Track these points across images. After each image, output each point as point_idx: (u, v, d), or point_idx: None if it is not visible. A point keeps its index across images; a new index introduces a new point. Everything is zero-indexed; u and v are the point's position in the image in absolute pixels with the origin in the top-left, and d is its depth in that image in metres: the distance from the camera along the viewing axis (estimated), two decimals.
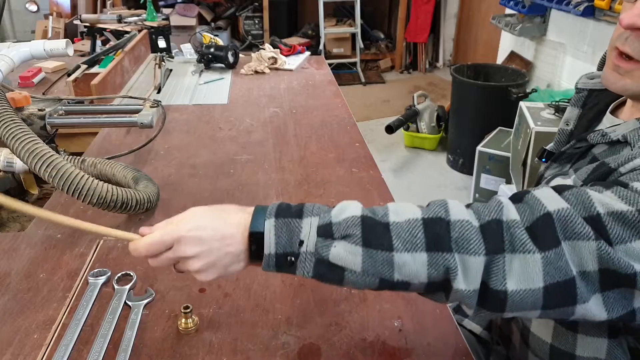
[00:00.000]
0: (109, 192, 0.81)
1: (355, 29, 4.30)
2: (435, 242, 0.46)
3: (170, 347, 0.63)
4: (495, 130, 2.54)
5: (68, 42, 1.20)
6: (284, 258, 0.50)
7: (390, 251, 0.47)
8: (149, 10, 2.22)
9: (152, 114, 1.05)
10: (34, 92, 1.53)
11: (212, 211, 0.53)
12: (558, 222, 0.46)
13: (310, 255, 0.49)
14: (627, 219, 0.45)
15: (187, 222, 0.51)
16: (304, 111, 1.43)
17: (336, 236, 0.49)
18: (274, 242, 0.50)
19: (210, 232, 0.50)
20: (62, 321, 0.67)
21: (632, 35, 0.52)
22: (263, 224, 0.50)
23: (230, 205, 0.54)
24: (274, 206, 0.52)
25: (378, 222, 0.49)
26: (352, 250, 0.48)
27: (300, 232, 0.50)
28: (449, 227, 0.47)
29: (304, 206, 0.52)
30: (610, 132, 0.59)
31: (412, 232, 0.47)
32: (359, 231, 0.48)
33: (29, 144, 0.79)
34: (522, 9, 2.71)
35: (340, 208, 0.51)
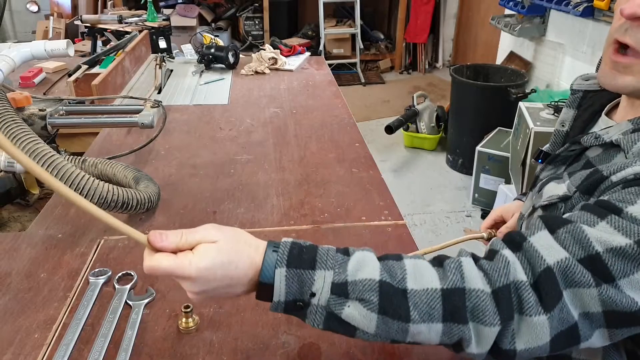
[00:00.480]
0: (110, 192, 0.82)
1: (355, 30, 4.31)
2: (452, 314, 0.47)
3: (171, 346, 0.63)
4: (495, 130, 2.54)
5: (69, 43, 1.20)
6: (293, 304, 0.49)
7: (407, 322, 0.47)
8: (150, 11, 2.23)
9: (152, 114, 1.06)
10: (35, 92, 1.53)
11: (228, 248, 0.49)
12: (559, 274, 0.47)
13: (322, 309, 0.49)
14: (627, 253, 0.46)
15: (202, 260, 0.48)
16: (304, 111, 1.43)
17: (351, 296, 0.48)
18: (284, 291, 0.49)
19: (220, 275, 0.49)
20: (63, 321, 0.67)
21: (633, 26, 0.51)
22: (273, 273, 0.49)
23: (244, 237, 0.52)
24: (285, 251, 0.50)
25: (396, 288, 0.48)
26: (367, 316, 0.47)
27: (313, 284, 0.48)
28: (464, 297, 0.47)
29: (317, 253, 0.50)
30: (603, 134, 0.59)
31: (430, 304, 0.47)
32: (376, 298, 0.47)
33: (30, 143, 0.79)
34: (522, 9, 2.71)
35: (356, 264, 0.49)
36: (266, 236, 0.85)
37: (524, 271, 0.48)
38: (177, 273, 0.48)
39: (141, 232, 0.87)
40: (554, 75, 2.74)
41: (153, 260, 0.48)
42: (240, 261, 0.49)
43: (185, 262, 0.48)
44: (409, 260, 0.51)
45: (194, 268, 0.48)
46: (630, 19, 0.51)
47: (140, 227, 0.88)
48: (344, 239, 0.84)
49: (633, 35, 0.51)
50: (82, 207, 0.50)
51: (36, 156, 0.78)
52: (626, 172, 0.51)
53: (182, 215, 0.92)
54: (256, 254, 0.50)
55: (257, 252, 0.50)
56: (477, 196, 2.49)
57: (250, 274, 0.49)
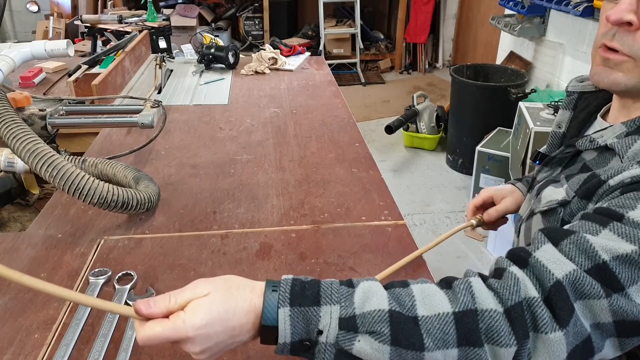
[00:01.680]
0: (110, 192, 0.82)
1: (355, 30, 4.31)
2: (466, 337, 0.46)
3: (171, 346, 0.63)
4: (495, 130, 2.54)
5: (69, 43, 1.20)
6: (300, 344, 0.47)
7: (421, 351, 0.45)
8: (150, 11, 2.23)
9: (152, 114, 1.06)
10: (35, 92, 1.53)
11: (221, 297, 0.47)
12: (569, 287, 0.46)
13: (331, 347, 0.46)
14: (634, 260, 0.46)
15: (195, 316, 0.45)
16: (304, 111, 1.43)
17: (361, 330, 0.46)
18: (289, 332, 0.46)
19: (219, 327, 0.46)
20: (63, 321, 0.67)
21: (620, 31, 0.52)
22: (276, 314, 0.46)
23: (237, 282, 0.49)
24: (287, 289, 0.47)
25: (406, 317, 0.46)
26: (379, 349, 0.45)
27: (319, 321, 0.46)
28: (477, 319, 0.46)
29: (321, 288, 0.48)
30: (597, 137, 0.59)
31: (444, 330, 0.46)
32: (387, 329, 0.45)
33: (30, 144, 0.79)
34: (522, 9, 2.71)
35: (363, 295, 0.47)
36: (266, 236, 0.85)
37: (534, 288, 0.47)
38: (173, 337, 0.45)
39: (141, 232, 0.88)
40: (554, 75, 2.74)
41: (146, 330, 0.45)
42: (237, 307, 0.46)
43: (178, 323, 0.45)
44: (416, 286, 0.49)
45: (189, 327, 0.45)
46: (617, 24, 0.52)
47: (141, 227, 0.88)
48: (343, 239, 0.84)
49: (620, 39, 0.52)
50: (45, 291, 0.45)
51: (36, 156, 0.78)
52: (623, 176, 0.51)
53: (182, 215, 0.92)
54: (254, 296, 0.47)
55: (254, 293, 0.47)
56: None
57: (251, 319, 0.47)
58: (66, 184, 0.79)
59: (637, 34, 0.51)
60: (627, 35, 0.52)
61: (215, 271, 0.76)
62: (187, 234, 0.86)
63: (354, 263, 0.78)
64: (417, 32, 4.46)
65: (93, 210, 0.92)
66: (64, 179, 0.78)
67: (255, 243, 0.84)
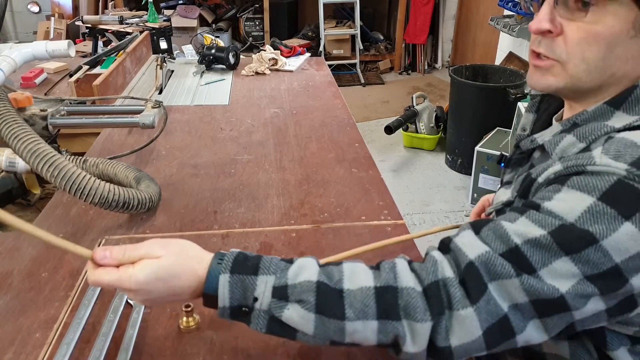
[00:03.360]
0: (111, 192, 0.82)
1: (355, 31, 4.31)
2: (385, 311, 0.49)
3: (172, 345, 0.63)
4: (494, 130, 2.55)
5: (70, 43, 1.21)
6: (239, 309, 0.51)
7: (342, 320, 0.49)
8: (151, 12, 2.23)
9: (153, 114, 1.06)
10: (36, 92, 1.54)
11: (169, 263, 0.51)
12: (481, 267, 0.49)
13: (264, 313, 0.51)
14: (542, 243, 0.48)
15: (141, 273, 0.50)
16: (304, 112, 1.43)
17: (290, 299, 0.50)
18: (228, 297, 0.51)
19: (161, 287, 0.51)
20: (64, 320, 0.67)
21: (544, 38, 0.56)
22: (217, 282, 0.51)
23: (189, 252, 0.53)
24: (230, 259, 0.52)
25: (332, 289, 0.50)
26: (305, 316, 0.50)
27: (255, 289, 0.51)
28: (397, 295, 0.50)
29: (261, 260, 0.53)
30: (538, 137, 0.61)
31: (364, 302, 0.50)
32: (313, 298, 0.50)
33: (31, 144, 0.79)
34: (520, 10, 2.71)
35: (297, 269, 0.52)
36: (266, 236, 0.85)
37: (451, 269, 0.51)
38: (118, 286, 0.51)
39: (142, 232, 0.88)
40: None
41: (96, 275, 0.51)
42: (182, 274, 0.51)
43: (124, 276, 0.50)
44: (348, 264, 0.54)
45: (133, 281, 0.50)
46: (537, 33, 0.57)
47: (142, 226, 0.88)
48: (343, 239, 0.85)
49: (544, 46, 0.57)
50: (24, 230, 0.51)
51: (37, 156, 0.79)
52: (547, 173, 0.54)
53: (183, 215, 0.92)
54: (200, 267, 0.52)
55: (201, 264, 0.52)
56: (476, 196, 2.49)
57: (193, 286, 0.52)
58: (67, 183, 0.79)
59: (558, 39, 0.55)
60: (550, 42, 0.56)
61: None
62: (188, 234, 0.86)
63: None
64: (417, 33, 4.46)
65: (94, 210, 0.92)
66: (65, 178, 0.79)
67: (255, 243, 0.84)
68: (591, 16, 0.52)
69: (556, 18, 0.55)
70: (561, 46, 0.55)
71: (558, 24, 0.55)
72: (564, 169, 0.52)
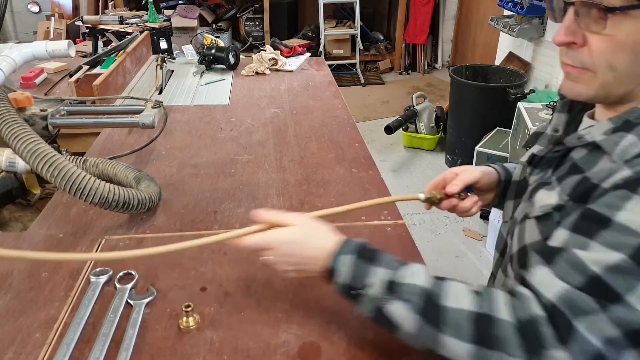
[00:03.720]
0: (111, 192, 0.82)
1: (355, 31, 4.31)
2: (480, 337, 0.52)
3: (172, 345, 0.63)
4: (494, 130, 2.54)
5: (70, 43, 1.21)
6: (349, 289, 0.58)
7: (439, 332, 0.53)
8: (151, 12, 2.23)
9: (153, 114, 1.06)
10: (36, 92, 1.54)
11: (304, 231, 0.62)
12: (564, 307, 0.49)
13: (370, 300, 0.57)
14: (623, 268, 0.47)
15: (282, 234, 0.61)
16: (304, 112, 1.43)
17: (398, 296, 0.55)
18: (344, 275, 0.58)
19: (295, 249, 0.61)
20: (64, 320, 0.67)
21: (569, 50, 0.57)
22: (340, 261, 0.59)
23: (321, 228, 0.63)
24: (357, 245, 0.60)
25: (436, 300, 0.54)
26: (409, 315, 0.54)
27: (369, 277, 0.57)
28: (492, 324, 0.52)
29: (381, 255, 0.59)
30: (585, 134, 0.60)
31: (460, 323, 0.53)
32: (419, 301, 0.54)
33: (31, 144, 0.79)
34: (521, 10, 2.71)
35: (411, 272, 0.57)
36: None
37: (540, 306, 0.51)
38: (262, 245, 0.62)
39: (142, 232, 0.88)
40: (552, 76, 2.75)
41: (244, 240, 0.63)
42: (312, 242, 0.61)
43: (269, 236, 0.62)
44: (453, 282, 0.57)
45: (275, 240, 0.61)
46: (560, 45, 0.58)
47: (142, 226, 0.88)
48: None
49: (570, 56, 0.57)
50: None
51: (37, 156, 0.79)
52: (615, 179, 0.52)
53: (183, 215, 0.92)
54: (328, 243, 0.61)
55: (330, 241, 0.61)
56: None
57: (322, 255, 0.60)
58: (67, 183, 0.79)
59: (583, 50, 0.55)
60: (576, 52, 0.56)
61: (215, 271, 0.77)
62: (188, 234, 0.86)
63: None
64: (417, 33, 4.46)
65: (94, 210, 0.92)
66: (65, 178, 0.79)
67: None
68: (611, 26, 0.51)
69: (579, 29, 0.54)
70: (587, 56, 0.55)
71: (580, 35, 0.54)
72: (635, 174, 0.50)
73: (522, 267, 0.61)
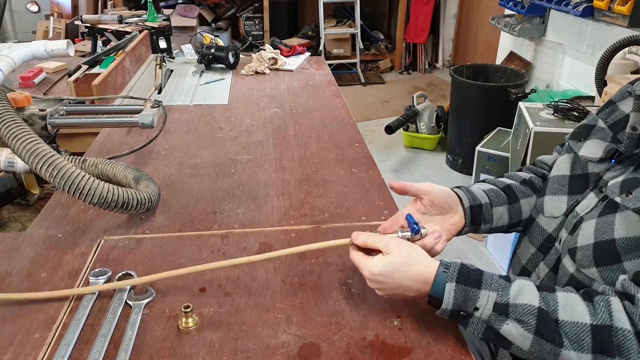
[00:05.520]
0: (110, 192, 0.82)
1: (355, 30, 4.31)
2: (601, 347, 0.54)
3: (171, 346, 0.63)
4: (495, 130, 2.54)
5: (69, 43, 1.20)
6: (457, 312, 0.59)
7: (559, 347, 0.55)
8: (150, 11, 2.23)
9: (153, 114, 1.06)
10: (35, 92, 1.53)
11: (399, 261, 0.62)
12: None
13: (482, 322, 0.58)
14: None
15: (375, 266, 0.62)
16: (304, 111, 1.43)
17: (511, 316, 0.57)
18: (451, 302, 0.59)
19: (390, 280, 0.62)
20: (63, 321, 0.67)
21: None
22: (443, 287, 0.59)
23: (417, 255, 0.63)
24: (456, 270, 0.60)
25: (550, 317, 0.56)
26: (524, 335, 0.56)
27: (477, 301, 0.58)
28: (611, 333, 0.54)
29: (483, 276, 0.60)
30: None
31: (580, 336, 0.55)
32: (534, 321, 0.56)
33: (30, 144, 0.79)
34: (521, 9, 2.71)
35: (518, 290, 0.58)
36: (266, 236, 0.85)
37: None
38: (360, 270, 0.64)
39: (141, 232, 0.88)
40: (553, 76, 2.75)
41: (352, 254, 0.67)
42: (408, 273, 0.61)
43: (363, 264, 0.64)
44: (561, 293, 0.59)
45: (367, 271, 0.63)
46: None
47: (141, 227, 0.88)
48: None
49: None
50: None
51: (36, 156, 0.78)
52: None
53: (182, 215, 0.92)
54: (426, 270, 0.61)
55: (427, 269, 0.61)
56: None
57: (417, 285, 0.61)
58: (66, 183, 0.79)
59: None
60: None
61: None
62: (187, 234, 0.86)
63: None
64: (417, 32, 4.46)
65: (93, 210, 0.92)
66: (64, 178, 0.78)
67: (255, 243, 0.84)
68: None
69: None
70: None
71: None
72: None
73: (600, 263, 0.61)
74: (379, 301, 0.70)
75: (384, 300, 0.70)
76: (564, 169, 0.74)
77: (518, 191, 0.80)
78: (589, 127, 0.74)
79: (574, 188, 0.71)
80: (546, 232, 0.73)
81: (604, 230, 0.63)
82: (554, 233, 0.72)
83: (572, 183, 0.72)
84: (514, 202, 0.78)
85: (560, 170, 0.74)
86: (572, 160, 0.73)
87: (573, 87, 2.55)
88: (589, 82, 2.31)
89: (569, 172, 0.73)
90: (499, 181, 0.82)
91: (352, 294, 0.71)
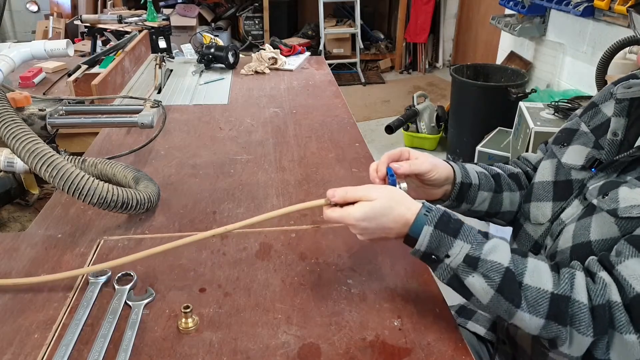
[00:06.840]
0: (110, 192, 0.82)
1: (355, 30, 4.31)
2: (555, 315, 0.56)
3: (171, 346, 0.63)
4: (495, 130, 2.54)
5: (68, 43, 1.20)
6: (429, 255, 0.61)
7: (516, 307, 0.57)
8: (150, 11, 2.23)
9: (152, 114, 1.06)
10: (35, 92, 1.53)
11: (381, 205, 0.62)
12: None
13: (450, 269, 0.60)
14: None
15: (358, 212, 0.62)
16: (304, 111, 1.43)
17: (478, 270, 0.58)
18: (425, 245, 0.60)
19: (373, 224, 0.62)
20: (63, 321, 0.67)
21: None
22: (421, 229, 0.60)
23: (398, 198, 0.63)
24: (437, 215, 0.61)
25: (515, 279, 0.57)
26: (485, 289, 0.58)
27: (450, 249, 0.59)
28: (568, 304, 0.56)
29: (462, 227, 0.61)
30: None
31: (538, 302, 0.56)
32: (499, 279, 0.57)
33: (29, 144, 0.79)
34: (522, 9, 2.71)
35: (492, 247, 0.59)
36: (266, 236, 0.85)
37: (618, 293, 0.55)
38: (341, 221, 0.64)
39: (141, 232, 0.88)
40: (554, 75, 2.74)
41: (326, 213, 0.65)
42: (391, 215, 0.62)
43: (345, 213, 0.63)
44: (532, 260, 0.60)
45: (352, 218, 0.62)
46: None
47: (141, 227, 0.88)
48: (343, 239, 0.84)
49: None
50: None
51: (36, 156, 0.78)
52: None
53: (182, 215, 0.92)
54: (408, 212, 0.62)
55: (409, 211, 0.62)
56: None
57: (399, 227, 0.62)
58: (66, 184, 0.79)
59: None
60: None
61: (215, 272, 0.76)
62: (187, 234, 0.86)
63: (354, 263, 0.78)
64: (417, 32, 4.46)
65: (93, 210, 0.92)
66: (63, 179, 0.78)
67: (255, 243, 0.84)
68: None
69: None
70: None
71: None
72: None
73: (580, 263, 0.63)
74: (379, 301, 0.70)
75: (384, 301, 0.70)
76: (548, 175, 0.74)
77: (505, 183, 0.80)
78: (572, 131, 0.74)
79: (558, 194, 0.71)
80: (532, 239, 0.73)
81: (581, 233, 0.63)
82: (540, 240, 0.72)
83: (557, 189, 0.72)
84: (499, 192, 0.79)
85: (545, 176, 0.74)
86: (556, 166, 0.73)
87: (573, 87, 2.55)
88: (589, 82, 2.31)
89: (553, 178, 0.73)
90: (490, 168, 0.82)
91: (352, 294, 0.71)
